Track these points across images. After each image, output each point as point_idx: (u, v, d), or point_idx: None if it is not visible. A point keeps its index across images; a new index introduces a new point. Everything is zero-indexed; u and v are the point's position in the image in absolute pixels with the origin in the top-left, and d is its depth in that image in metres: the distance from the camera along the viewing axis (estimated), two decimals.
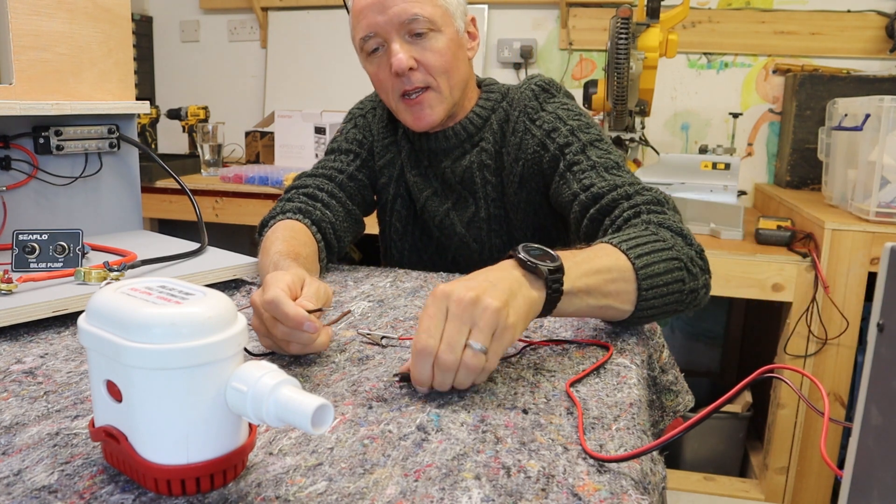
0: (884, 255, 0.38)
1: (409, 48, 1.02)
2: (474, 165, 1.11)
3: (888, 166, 1.69)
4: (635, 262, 0.77)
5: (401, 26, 1.01)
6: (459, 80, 1.07)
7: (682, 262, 0.81)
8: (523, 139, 1.08)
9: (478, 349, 0.61)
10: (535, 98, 1.09)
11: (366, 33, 1.03)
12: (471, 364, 0.61)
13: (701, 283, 0.85)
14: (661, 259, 0.80)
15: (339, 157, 1.19)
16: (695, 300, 0.84)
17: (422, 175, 1.16)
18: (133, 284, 0.49)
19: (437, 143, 1.12)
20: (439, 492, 0.48)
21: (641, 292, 0.78)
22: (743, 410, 2.07)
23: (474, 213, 1.13)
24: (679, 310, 0.84)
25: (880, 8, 2.34)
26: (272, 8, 2.92)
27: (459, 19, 1.06)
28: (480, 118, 1.11)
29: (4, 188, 1.09)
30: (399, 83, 1.03)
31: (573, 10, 2.57)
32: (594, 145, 1.03)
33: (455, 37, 1.05)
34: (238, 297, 0.95)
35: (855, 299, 1.72)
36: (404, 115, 1.07)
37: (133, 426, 0.46)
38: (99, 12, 1.15)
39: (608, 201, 0.95)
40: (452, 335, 0.61)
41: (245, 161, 2.76)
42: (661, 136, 2.57)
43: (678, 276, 0.81)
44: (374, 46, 1.04)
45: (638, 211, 0.91)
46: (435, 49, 1.02)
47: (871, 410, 0.38)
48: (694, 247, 0.86)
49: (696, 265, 0.84)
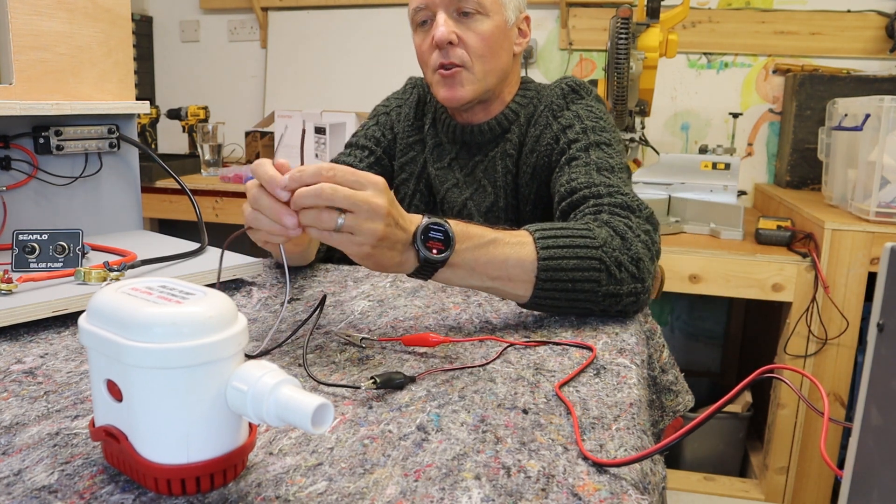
0: (884, 255, 0.38)
1: (453, 24, 1.05)
2: (498, 156, 1.14)
3: (888, 166, 1.69)
4: (541, 253, 0.79)
5: (450, 2, 1.05)
6: (496, 67, 1.09)
7: (602, 264, 0.81)
8: (542, 133, 1.10)
9: (339, 223, 0.67)
10: (562, 97, 1.11)
11: (417, 4, 1.07)
12: (323, 218, 0.67)
13: (626, 289, 0.83)
14: (576, 255, 0.80)
15: (354, 153, 1.22)
16: (616, 304, 0.83)
17: (445, 167, 1.19)
18: (133, 284, 0.50)
19: (470, 137, 1.15)
20: (439, 492, 0.48)
21: (539, 282, 0.79)
22: (743, 410, 2.07)
23: (493, 202, 1.15)
24: (594, 310, 0.83)
25: (880, 8, 2.34)
26: (272, 8, 2.92)
27: (511, 11, 1.09)
28: (514, 113, 1.14)
29: (4, 188, 1.09)
30: (437, 55, 1.07)
31: (573, 10, 2.57)
32: (600, 147, 1.03)
33: (502, 25, 1.08)
34: (238, 297, 0.95)
35: (855, 299, 1.72)
36: (438, 87, 1.10)
37: (133, 426, 0.46)
38: (99, 12, 1.15)
39: (579, 197, 0.95)
40: (344, 196, 0.66)
41: (245, 161, 2.77)
42: (661, 136, 2.57)
43: (592, 276, 0.80)
44: (423, 19, 1.08)
45: (599, 210, 0.91)
46: (478, 31, 1.05)
47: (871, 410, 0.38)
48: (631, 252, 0.84)
49: (626, 271, 0.83)
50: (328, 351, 0.75)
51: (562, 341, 0.78)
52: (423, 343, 0.74)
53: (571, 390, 0.66)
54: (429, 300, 0.93)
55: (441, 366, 0.71)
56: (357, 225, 0.68)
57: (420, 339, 0.75)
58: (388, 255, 0.72)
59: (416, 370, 0.69)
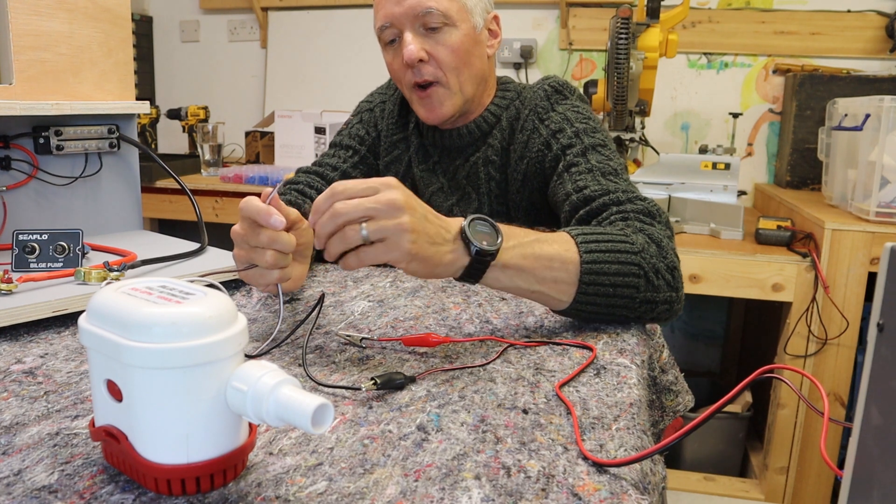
0: (884, 255, 0.38)
1: (421, 41, 1.03)
2: (480, 161, 1.12)
3: (888, 166, 1.69)
4: (584, 256, 0.77)
5: (415, 18, 1.02)
6: (472, 76, 1.07)
7: (641, 269, 0.80)
8: (530, 138, 1.08)
9: (363, 234, 0.65)
10: (546, 98, 1.10)
11: (382, 23, 1.05)
12: (347, 235, 0.65)
13: (662, 297, 0.82)
14: (618, 261, 0.78)
15: (338, 153, 1.21)
16: (651, 311, 0.82)
17: (429, 170, 1.17)
18: (133, 284, 0.50)
19: (450, 141, 1.13)
20: (439, 492, 0.48)
21: (582, 286, 0.77)
22: (743, 410, 2.07)
23: (477, 209, 1.14)
24: (629, 317, 0.82)
25: (880, 8, 2.34)
26: (272, 8, 2.92)
27: (478, 16, 1.07)
28: (494, 116, 1.12)
29: (4, 188, 1.09)
30: (410, 74, 1.05)
31: (573, 10, 2.57)
32: (596, 149, 1.02)
33: (471, 33, 1.06)
34: (238, 297, 0.95)
35: (855, 299, 1.72)
36: (417, 107, 1.09)
37: (133, 426, 0.46)
38: (99, 12, 1.15)
39: (598, 205, 0.94)
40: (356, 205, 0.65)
41: (245, 161, 2.77)
42: (661, 136, 2.57)
43: (632, 282, 0.79)
44: (391, 37, 1.06)
45: (626, 216, 0.90)
46: (447, 44, 1.03)
47: (871, 410, 0.38)
48: (667, 261, 0.84)
49: (662, 278, 0.82)
50: (328, 351, 0.75)
51: (562, 341, 0.78)
52: (423, 343, 0.74)
53: (571, 390, 0.66)
54: (429, 300, 0.93)
55: (441, 366, 0.71)
56: (381, 226, 0.65)
57: (420, 340, 0.75)
58: (434, 251, 0.69)
59: (416, 370, 0.69)
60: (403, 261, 0.68)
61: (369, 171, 1.20)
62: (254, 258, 0.74)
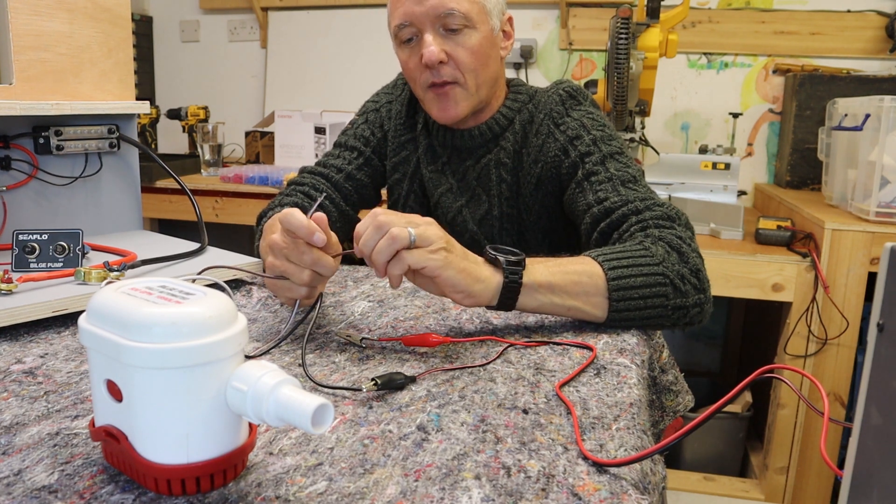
0: (884, 255, 0.38)
1: (441, 42, 1.02)
2: (492, 163, 1.12)
3: (888, 166, 1.69)
4: (608, 273, 0.81)
5: (436, 19, 1.01)
6: (488, 78, 1.07)
7: (667, 279, 0.83)
8: (546, 142, 1.08)
9: (412, 236, 0.70)
10: (561, 103, 1.09)
11: (401, 21, 1.03)
12: (395, 233, 0.70)
13: (692, 301, 0.85)
14: (641, 273, 0.81)
15: (343, 154, 1.19)
16: (684, 317, 0.85)
17: (438, 171, 1.16)
18: (133, 284, 0.50)
19: (461, 142, 1.13)
20: (439, 492, 0.48)
21: (613, 302, 0.80)
22: (743, 410, 2.07)
23: (487, 210, 1.13)
24: (664, 324, 0.85)
25: (880, 8, 2.34)
26: (272, 8, 2.92)
27: (496, 17, 1.07)
28: (506, 119, 1.12)
29: (4, 188, 1.09)
30: (428, 75, 1.04)
31: (573, 10, 2.57)
32: (614, 158, 1.02)
33: (489, 35, 1.05)
34: (238, 297, 0.95)
35: (855, 299, 1.72)
36: (431, 105, 1.08)
37: (133, 426, 0.46)
38: (99, 12, 1.15)
39: (618, 216, 0.95)
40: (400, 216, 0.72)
41: (245, 161, 2.77)
42: (661, 136, 2.57)
43: (660, 291, 0.82)
44: (409, 36, 1.04)
45: (645, 225, 0.92)
46: (467, 46, 1.03)
47: (871, 410, 0.38)
48: (690, 265, 0.86)
49: (688, 283, 0.85)
50: (328, 351, 0.75)
51: (562, 341, 0.78)
52: (423, 343, 0.74)
53: (572, 390, 0.66)
54: (429, 300, 0.93)
55: (441, 366, 0.71)
56: (423, 232, 0.71)
57: (420, 339, 0.75)
58: (467, 264, 0.74)
59: (417, 370, 0.69)
60: (440, 266, 0.72)
61: (374, 173, 1.20)
62: (290, 272, 0.74)
